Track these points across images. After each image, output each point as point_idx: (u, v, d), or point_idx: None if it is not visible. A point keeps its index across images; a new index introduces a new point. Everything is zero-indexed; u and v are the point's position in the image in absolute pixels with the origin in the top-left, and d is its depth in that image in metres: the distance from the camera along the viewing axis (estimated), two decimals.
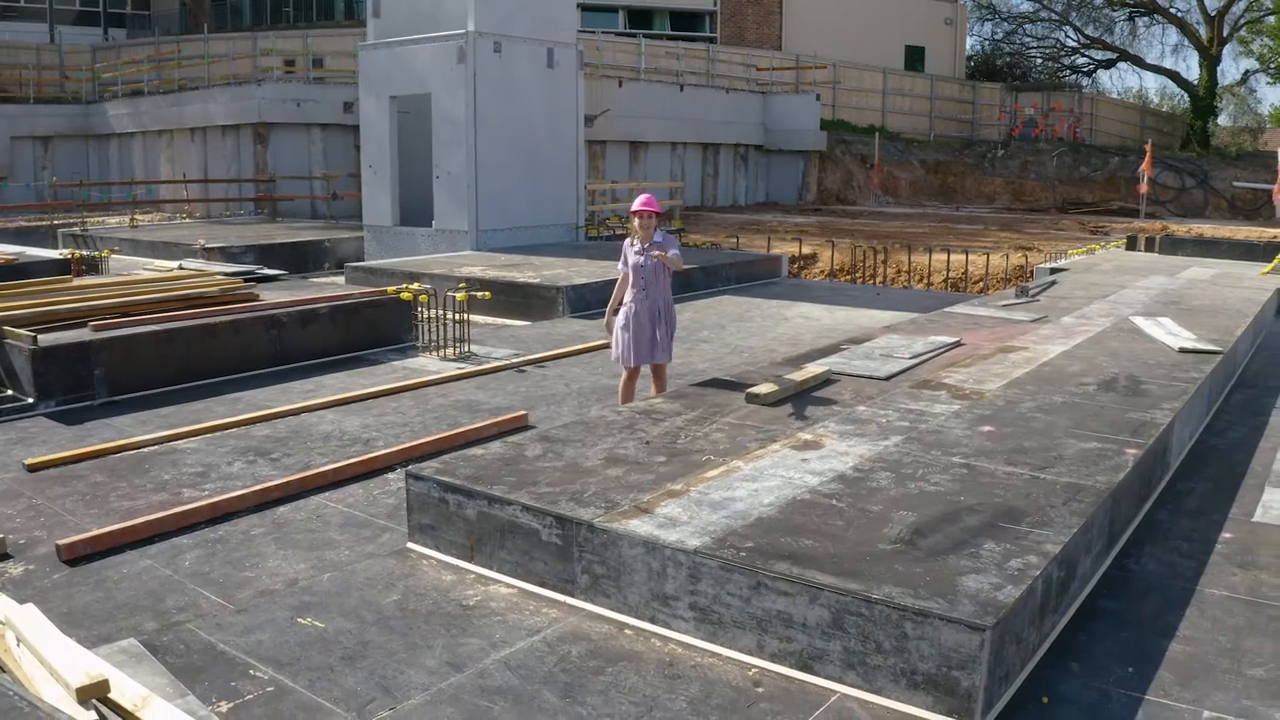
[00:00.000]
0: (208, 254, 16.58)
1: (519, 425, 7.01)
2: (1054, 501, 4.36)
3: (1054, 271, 14.20)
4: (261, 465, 6.33)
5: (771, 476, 4.63)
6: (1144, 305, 10.66)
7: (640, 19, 34.21)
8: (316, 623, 4.01)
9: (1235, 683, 3.72)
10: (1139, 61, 42.84)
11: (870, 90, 36.02)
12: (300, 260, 17.81)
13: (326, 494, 5.80)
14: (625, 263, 7.04)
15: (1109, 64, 44.43)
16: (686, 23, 34.75)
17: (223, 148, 26.84)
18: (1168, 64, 46.96)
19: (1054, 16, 41.78)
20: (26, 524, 5.46)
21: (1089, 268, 14.53)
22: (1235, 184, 32.46)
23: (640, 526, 3.98)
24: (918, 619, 3.30)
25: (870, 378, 6.68)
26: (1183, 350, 8.01)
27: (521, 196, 17.37)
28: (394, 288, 10.15)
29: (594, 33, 30.49)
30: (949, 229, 22.67)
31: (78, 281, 9.96)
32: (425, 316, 9.87)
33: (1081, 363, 7.39)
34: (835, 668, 3.47)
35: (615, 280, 7.23)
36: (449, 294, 9.54)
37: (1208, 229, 24.73)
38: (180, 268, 12.00)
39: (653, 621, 3.89)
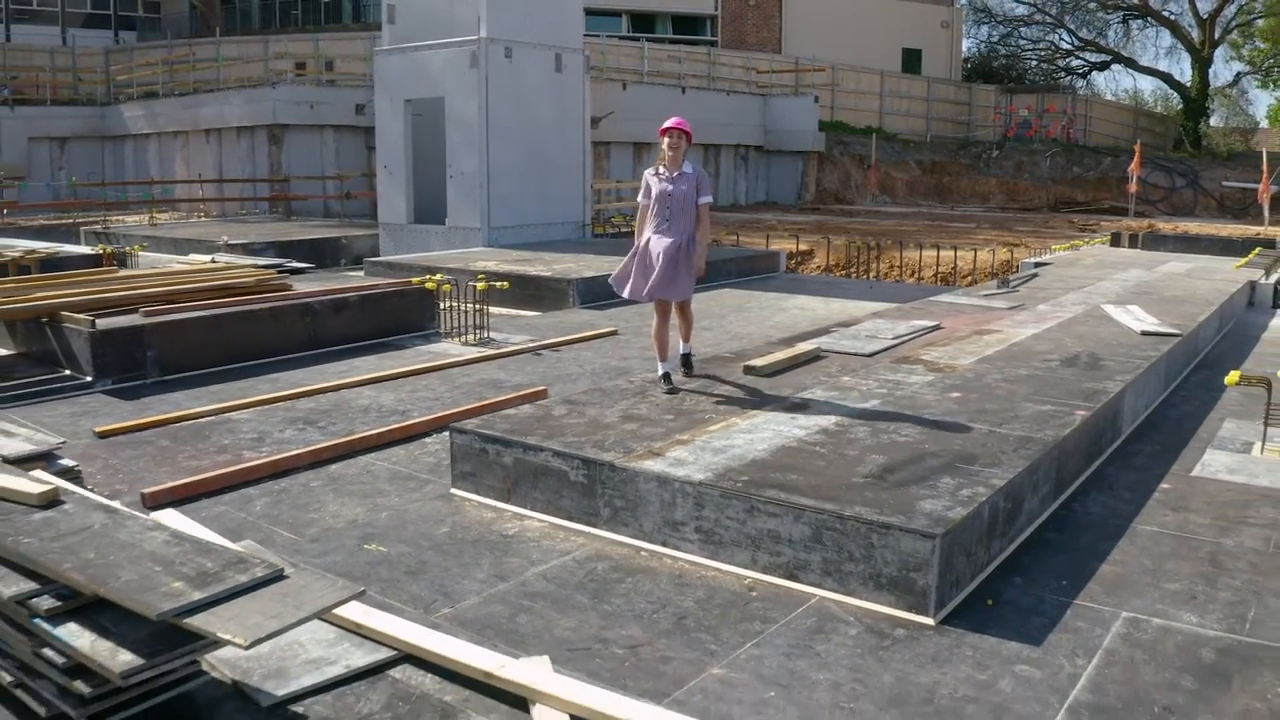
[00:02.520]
0: (231, 250, 17.31)
1: (539, 398, 7.73)
2: (1005, 449, 5.10)
3: (1038, 265, 14.95)
4: (310, 432, 7.06)
5: (764, 430, 5.37)
6: (1117, 295, 11.40)
7: (643, 23, 34.99)
8: (380, 547, 4.76)
9: (1153, 593, 4.45)
10: (1132, 64, 43.63)
11: (868, 92, 36.77)
12: (318, 256, 18.50)
13: (372, 455, 6.53)
14: (647, 194, 6.53)
15: (1103, 66, 45.22)
16: (688, 26, 35.53)
17: (238, 148, 27.60)
18: (1161, 66, 47.68)
19: (1049, 19, 42.53)
20: (107, 479, 6.17)
21: (1071, 262, 15.28)
22: (1224, 184, 33.20)
23: (654, 465, 4.73)
24: (882, 531, 4.03)
25: (855, 354, 7.42)
26: (1144, 333, 8.75)
27: (531, 195, 18.10)
28: (419, 278, 10.89)
29: (598, 36, 31.23)
30: (942, 227, 23.40)
31: (124, 272, 10.69)
32: (447, 305, 10.62)
33: (1049, 343, 8.14)
34: (815, 575, 4.21)
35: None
36: (470, 284, 10.28)
37: (1194, 226, 25.48)
38: (213, 260, 12.75)
39: (664, 545, 4.63)
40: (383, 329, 10.49)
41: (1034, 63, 45.71)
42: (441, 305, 10.81)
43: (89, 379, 8.58)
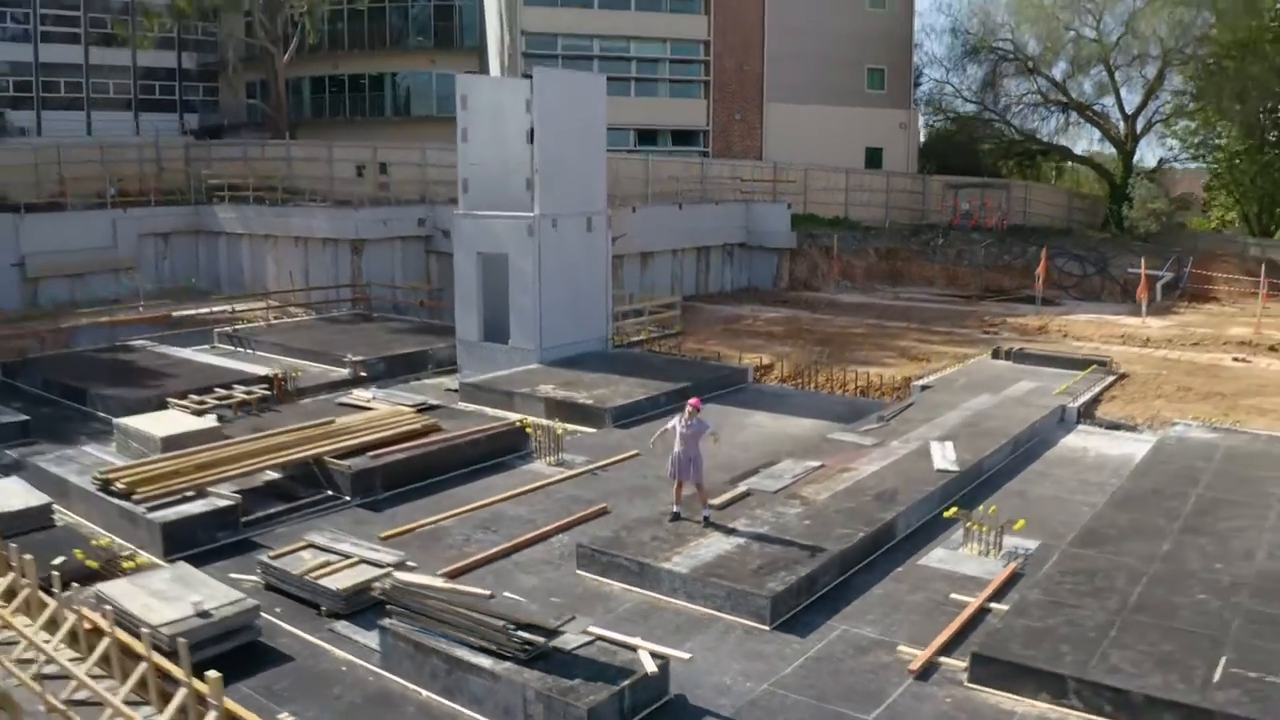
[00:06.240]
0: (355, 366, 24.14)
1: (603, 512, 14.52)
2: (816, 557, 11.93)
3: (923, 389, 21.80)
4: (489, 535, 13.85)
5: (714, 547, 12.22)
6: (951, 428, 18.17)
7: (647, 137, 42.12)
8: (554, 599, 11.58)
9: (860, 619, 11.25)
10: (1067, 153, 50.68)
11: (835, 188, 43.82)
12: (414, 365, 25.34)
13: (528, 550, 13.30)
14: (673, 430, 13.06)
15: (1044, 153, 52.26)
16: (684, 139, 42.67)
17: (323, 255, 34.51)
18: (1096, 149, 54.45)
19: (994, 116, 49.55)
20: (414, 557, 12.88)
21: (947, 384, 22.13)
22: (1129, 270, 40.07)
23: (664, 565, 11.59)
24: (752, 595, 10.88)
25: (767, 491, 14.27)
26: (938, 470, 15.57)
27: (570, 322, 24.90)
28: (518, 420, 17.77)
29: (611, 150, 38.19)
30: (881, 328, 30.33)
31: (340, 422, 17.46)
32: (536, 438, 17.47)
33: (876, 479, 14.97)
34: (729, 609, 11.06)
35: (646, 396, 14.69)
36: (551, 427, 17.13)
37: (1083, 321, 32.21)
38: (373, 398, 19.60)
39: (671, 596, 11.47)
40: (497, 453, 17.31)
41: (987, 147, 52.68)
42: (530, 433, 17.69)
43: (347, 498, 15.38)
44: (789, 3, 43.94)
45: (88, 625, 10.35)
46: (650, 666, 9.19)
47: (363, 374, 24.07)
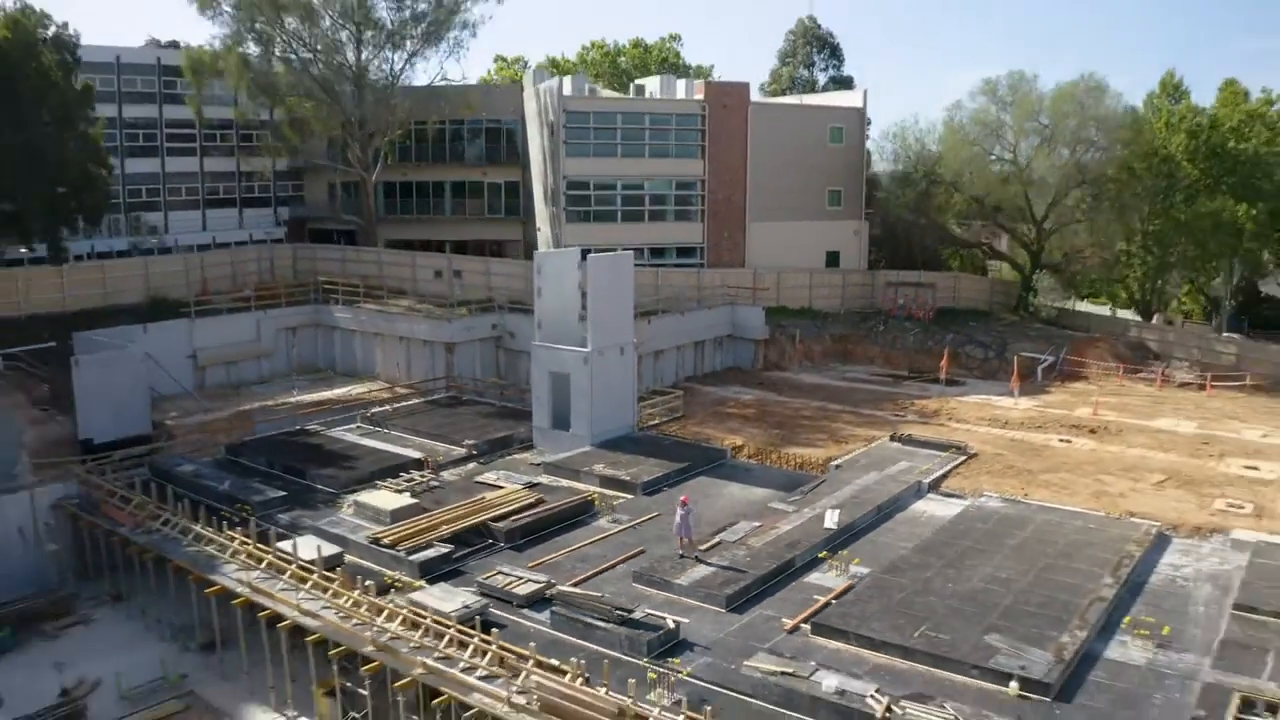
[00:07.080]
0: (469, 448, 36.92)
1: (641, 552, 27.25)
2: (746, 579, 24.69)
3: (837, 467, 34.51)
4: (584, 564, 26.57)
5: (701, 572, 24.94)
6: (843, 499, 30.87)
7: (657, 252, 55.14)
8: (623, 598, 24.39)
9: (763, 606, 24.01)
10: (991, 250, 63.48)
11: (801, 285, 56.65)
12: (504, 443, 38.06)
13: (604, 574, 25.99)
14: (675, 513, 26.35)
15: (977, 246, 65.09)
16: (685, 253, 55.72)
17: (423, 351, 47.26)
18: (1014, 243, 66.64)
19: (928, 222, 62.32)
20: (552, 577, 25.60)
21: (851, 464, 34.84)
22: (1020, 354, 52.76)
23: (676, 580, 24.35)
24: (717, 594, 23.66)
25: (729, 541, 27.03)
26: (825, 528, 28.29)
27: (610, 415, 37.66)
28: (588, 492, 30.59)
29: None
30: (824, 411, 43.08)
31: (488, 498, 30.21)
32: (599, 505, 30.22)
33: (789, 535, 27.70)
34: (706, 600, 23.85)
35: (663, 474, 27.44)
36: (610, 503, 29.90)
37: (971, 402, 44.73)
38: (498, 478, 32.40)
39: (683, 597, 24.22)
40: (577, 514, 30.03)
41: (929, 243, 65.41)
42: (595, 502, 30.46)
43: (503, 545, 28.09)
44: (766, 146, 56.97)
45: (411, 615, 23.11)
46: (671, 625, 21.95)
47: (474, 452, 36.85)
